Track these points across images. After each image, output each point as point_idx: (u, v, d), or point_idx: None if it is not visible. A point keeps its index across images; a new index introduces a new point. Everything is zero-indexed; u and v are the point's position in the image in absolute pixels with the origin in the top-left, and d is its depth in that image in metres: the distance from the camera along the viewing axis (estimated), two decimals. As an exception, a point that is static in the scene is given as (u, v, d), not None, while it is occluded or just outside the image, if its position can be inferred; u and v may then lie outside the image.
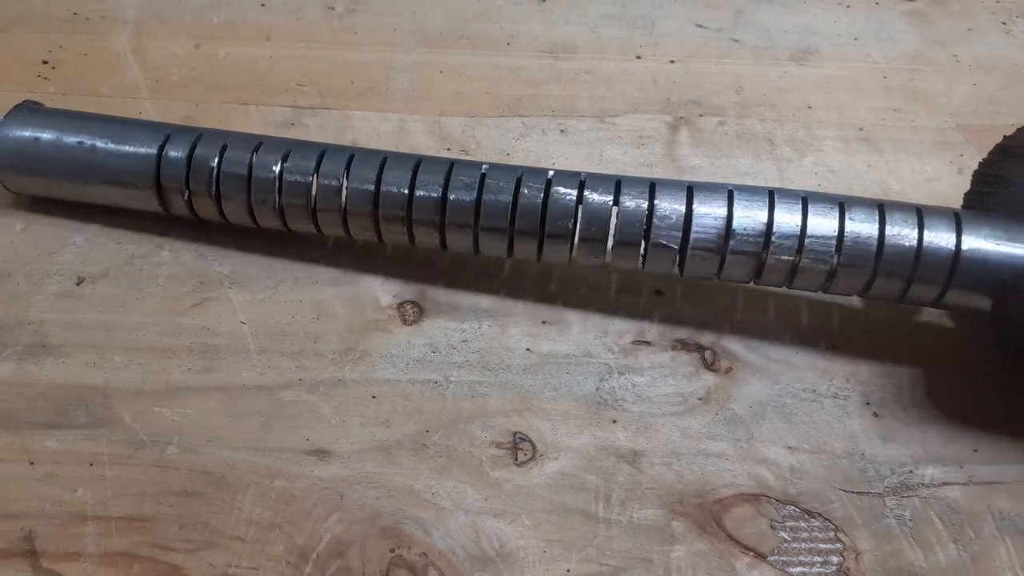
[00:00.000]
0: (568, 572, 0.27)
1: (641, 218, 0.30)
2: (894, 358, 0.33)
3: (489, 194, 0.31)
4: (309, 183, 0.32)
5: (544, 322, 0.33)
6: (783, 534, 0.28)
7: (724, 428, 0.30)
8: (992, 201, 0.31)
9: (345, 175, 0.32)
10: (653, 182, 0.31)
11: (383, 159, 0.32)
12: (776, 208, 0.30)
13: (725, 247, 0.30)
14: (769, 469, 0.29)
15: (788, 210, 0.30)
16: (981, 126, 0.40)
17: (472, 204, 0.31)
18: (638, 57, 0.44)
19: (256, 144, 0.33)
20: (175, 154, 0.33)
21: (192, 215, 0.34)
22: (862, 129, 0.41)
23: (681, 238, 0.30)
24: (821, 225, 0.29)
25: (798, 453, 0.30)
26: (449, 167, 0.32)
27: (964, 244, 0.29)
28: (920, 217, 0.29)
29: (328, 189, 0.32)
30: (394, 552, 0.27)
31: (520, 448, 0.30)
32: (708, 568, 0.27)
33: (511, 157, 0.39)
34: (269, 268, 0.35)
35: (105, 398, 0.30)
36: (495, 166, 0.32)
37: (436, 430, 0.30)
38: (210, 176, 0.33)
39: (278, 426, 0.30)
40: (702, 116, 0.41)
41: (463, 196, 0.31)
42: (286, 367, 0.31)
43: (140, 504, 0.28)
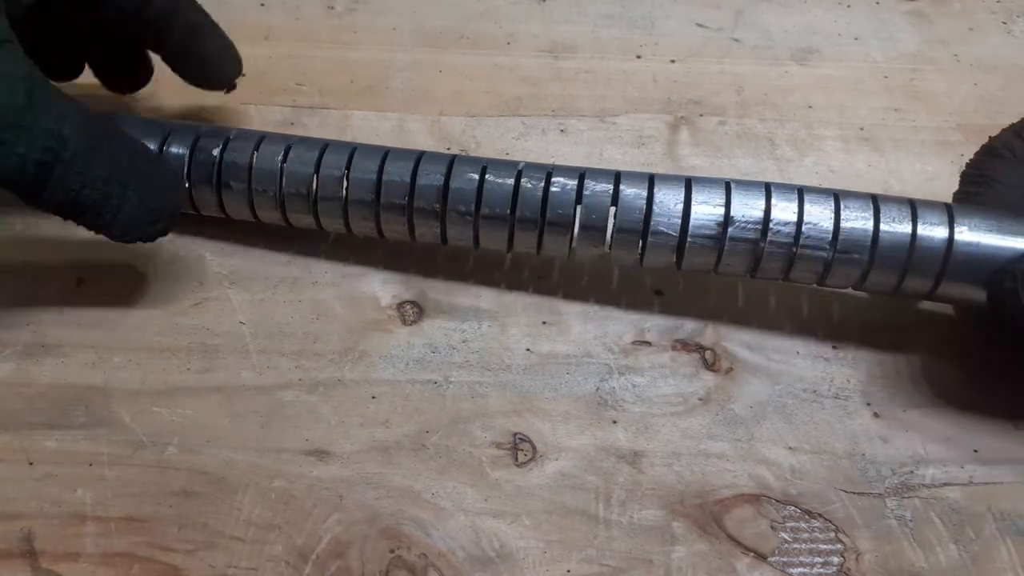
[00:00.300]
0: (568, 573, 0.27)
1: (640, 206, 0.30)
2: (895, 359, 0.32)
3: (491, 182, 0.31)
4: (311, 172, 0.32)
5: (544, 322, 0.33)
6: (784, 535, 0.28)
7: (724, 428, 0.30)
8: (979, 200, 0.31)
9: (347, 164, 0.32)
10: (652, 175, 0.31)
11: (385, 152, 0.32)
12: (773, 199, 0.30)
13: (724, 237, 0.30)
14: (769, 469, 0.29)
15: (785, 201, 0.30)
16: (982, 126, 0.40)
17: (474, 192, 0.31)
18: (638, 57, 0.44)
19: (259, 138, 0.33)
20: (177, 150, 0.33)
21: (192, 209, 0.34)
22: (863, 129, 0.41)
23: (680, 226, 0.30)
24: (818, 216, 0.30)
25: (799, 453, 0.30)
26: (451, 159, 0.32)
27: (957, 235, 0.29)
28: (914, 209, 0.30)
29: (330, 178, 0.32)
30: (394, 553, 0.27)
31: (520, 448, 0.30)
32: (708, 569, 0.27)
33: (511, 157, 0.39)
34: (268, 268, 0.35)
35: (104, 398, 0.30)
36: (497, 160, 0.32)
37: (436, 430, 0.30)
38: (212, 166, 0.33)
39: (277, 426, 0.30)
40: (702, 116, 0.41)
41: (465, 185, 0.31)
42: (285, 367, 0.31)
43: (139, 504, 0.28)
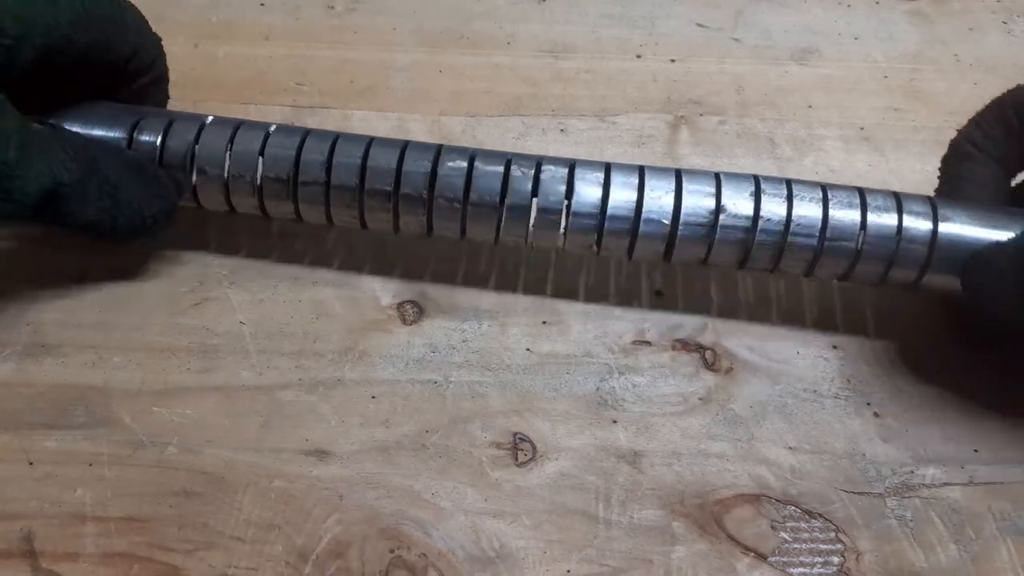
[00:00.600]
0: (568, 572, 0.27)
1: (631, 196, 0.30)
2: (895, 359, 0.32)
3: (479, 169, 0.31)
4: (291, 155, 0.31)
5: (544, 322, 0.33)
6: (784, 534, 0.28)
7: (724, 428, 0.30)
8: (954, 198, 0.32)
9: (330, 150, 0.31)
10: (642, 167, 0.31)
11: (370, 140, 0.31)
12: (763, 189, 0.30)
13: (715, 224, 0.30)
14: (770, 469, 0.29)
15: (775, 192, 0.30)
16: (982, 126, 0.40)
17: (462, 179, 0.30)
18: (638, 56, 0.44)
19: (236, 125, 0.32)
20: (146, 137, 0.32)
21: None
22: (863, 128, 0.41)
23: (672, 216, 0.30)
24: (806, 208, 0.30)
25: (799, 453, 0.30)
26: (438, 148, 0.31)
27: (941, 228, 0.29)
28: (899, 201, 0.30)
29: (312, 164, 0.31)
30: (394, 553, 0.27)
31: (520, 448, 0.30)
32: (709, 569, 0.27)
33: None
34: (268, 268, 0.34)
35: (104, 398, 0.30)
36: (485, 150, 0.32)
37: (436, 430, 0.30)
38: (185, 153, 0.31)
39: (277, 426, 0.30)
40: (702, 115, 0.41)
41: (452, 172, 0.31)
42: (285, 367, 0.31)
43: (139, 504, 0.28)
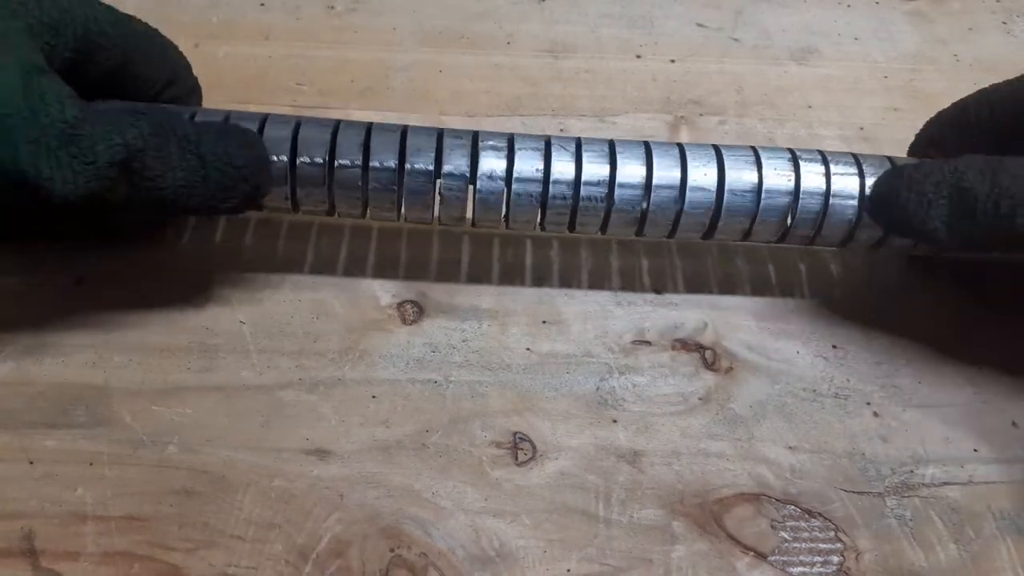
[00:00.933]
0: (568, 572, 0.27)
1: (603, 170, 0.30)
2: (895, 358, 0.32)
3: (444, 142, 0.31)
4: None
5: (544, 322, 0.33)
6: (783, 534, 0.28)
7: (724, 428, 0.30)
8: None
9: (294, 131, 0.30)
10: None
11: (336, 123, 0.31)
12: (726, 159, 0.31)
13: (681, 201, 0.30)
14: (769, 469, 0.29)
15: (742, 162, 0.31)
16: (981, 126, 0.40)
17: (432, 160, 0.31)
18: (638, 56, 0.44)
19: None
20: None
21: None
22: (863, 128, 0.41)
23: (644, 186, 0.30)
24: (776, 174, 0.31)
25: (798, 453, 0.30)
26: (404, 128, 0.32)
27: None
28: (858, 162, 0.31)
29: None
30: (394, 552, 0.27)
31: (520, 448, 0.30)
32: (708, 568, 0.27)
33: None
34: (269, 268, 0.34)
35: (104, 397, 0.30)
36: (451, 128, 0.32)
37: (436, 430, 0.30)
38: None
39: (278, 426, 0.30)
40: (702, 115, 0.41)
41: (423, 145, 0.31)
42: (285, 367, 0.31)
43: (140, 503, 0.28)
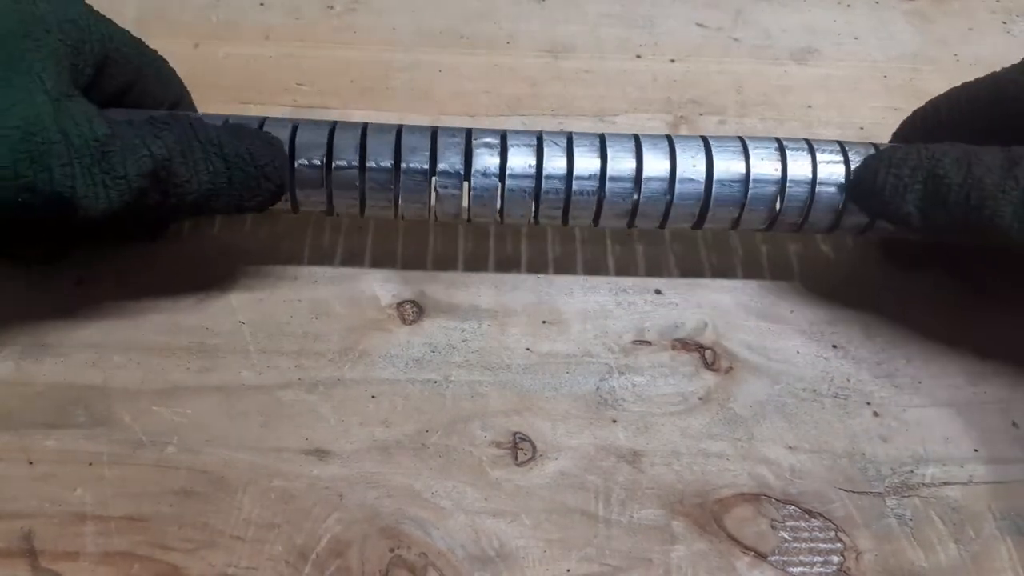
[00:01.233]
0: (568, 572, 0.27)
1: (594, 163, 0.31)
2: (894, 358, 0.32)
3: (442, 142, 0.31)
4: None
5: (544, 322, 0.33)
6: (783, 534, 0.28)
7: (724, 428, 0.30)
8: None
9: (291, 135, 0.31)
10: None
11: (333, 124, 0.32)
12: (714, 150, 0.31)
13: (671, 192, 0.30)
14: (769, 469, 0.29)
15: (729, 153, 0.31)
16: (981, 125, 0.40)
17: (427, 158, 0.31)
18: (638, 56, 0.44)
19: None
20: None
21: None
22: (863, 128, 0.41)
23: (634, 179, 0.30)
24: (762, 167, 0.31)
25: (798, 453, 0.30)
26: (399, 128, 0.32)
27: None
28: (843, 150, 0.31)
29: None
30: (394, 552, 0.27)
31: (520, 448, 0.30)
32: (708, 568, 0.27)
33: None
34: (268, 267, 0.34)
35: (104, 398, 0.30)
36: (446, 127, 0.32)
37: (436, 430, 0.30)
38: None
39: (277, 426, 0.30)
40: (702, 115, 0.41)
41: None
42: (285, 367, 0.31)
43: (139, 504, 0.28)
